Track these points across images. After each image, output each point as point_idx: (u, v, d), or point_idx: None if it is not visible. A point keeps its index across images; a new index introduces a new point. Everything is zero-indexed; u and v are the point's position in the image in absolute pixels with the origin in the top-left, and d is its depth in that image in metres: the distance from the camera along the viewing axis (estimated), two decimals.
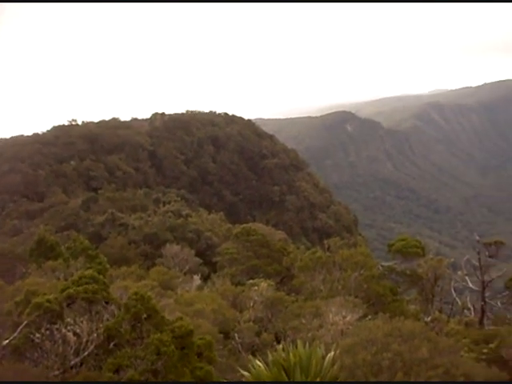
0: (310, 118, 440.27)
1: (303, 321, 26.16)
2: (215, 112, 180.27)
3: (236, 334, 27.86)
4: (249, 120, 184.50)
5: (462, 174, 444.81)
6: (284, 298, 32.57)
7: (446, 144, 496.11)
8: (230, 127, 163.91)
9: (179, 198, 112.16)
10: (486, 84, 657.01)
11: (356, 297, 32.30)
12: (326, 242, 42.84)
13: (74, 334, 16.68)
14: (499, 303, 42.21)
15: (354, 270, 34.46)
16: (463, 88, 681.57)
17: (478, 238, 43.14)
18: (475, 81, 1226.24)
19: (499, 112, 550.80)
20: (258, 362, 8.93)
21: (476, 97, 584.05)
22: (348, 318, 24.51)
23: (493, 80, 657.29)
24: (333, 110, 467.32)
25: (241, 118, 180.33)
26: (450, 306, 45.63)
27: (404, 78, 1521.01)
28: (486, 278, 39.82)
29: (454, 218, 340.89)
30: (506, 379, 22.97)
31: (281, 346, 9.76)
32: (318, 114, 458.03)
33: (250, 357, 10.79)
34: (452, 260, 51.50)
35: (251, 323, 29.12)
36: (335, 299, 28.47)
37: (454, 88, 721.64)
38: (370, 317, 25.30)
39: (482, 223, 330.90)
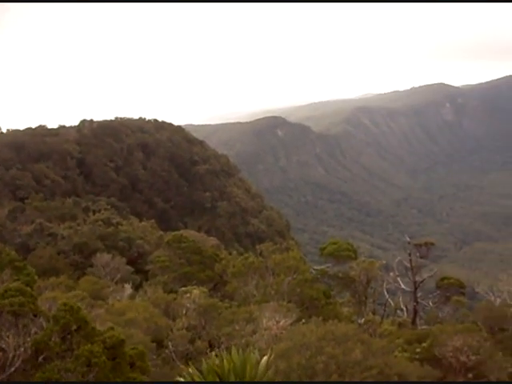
0: (240, 123, 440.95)
1: (237, 327, 26.06)
2: (145, 118, 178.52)
3: (169, 343, 27.54)
4: (179, 126, 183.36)
5: (393, 176, 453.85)
6: (217, 305, 32.35)
7: (376, 147, 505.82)
8: (160, 134, 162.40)
9: (109, 206, 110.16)
10: (414, 88, 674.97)
11: (289, 301, 32.38)
12: (258, 247, 42.88)
13: (0, 349, 16.11)
14: (431, 303, 43.13)
15: (286, 275, 34.57)
16: (392, 92, 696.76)
17: (408, 239, 43.90)
18: (403, 85, 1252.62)
19: (428, 115, 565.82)
20: (192, 370, 8.78)
21: (404, 101, 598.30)
22: (282, 323, 24.51)
23: (421, 84, 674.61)
24: (263, 116, 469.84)
25: (170, 125, 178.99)
26: (383, 308, 46.25)
27: (334, 83, 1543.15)
28: (418, 278, 40.62)
29: (386, 221, 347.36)
30: (438, 377, 23.40)
31: (214, 353, 9.65)
32: (249, 120, 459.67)
33: (184, 365, 10.64)
34: (384, 262, 52.26)
35: (184, 331, 28.82)
36: (269, 304, 28.50)
37: (382, 92, 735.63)
38: (303, 321, 25.37)
39: (413, 225, 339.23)
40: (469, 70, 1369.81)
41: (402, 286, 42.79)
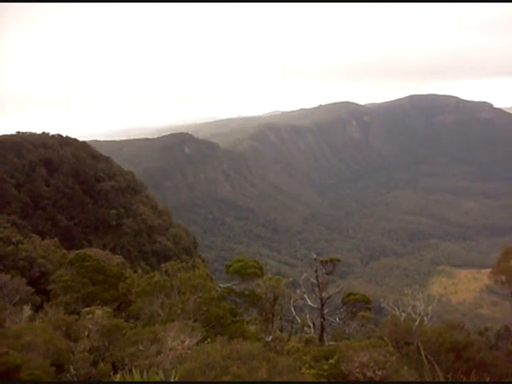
0: (146, 139, 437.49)
1: (141, 347, 25.39)
2: (48, 133, 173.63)
3: (71, 366, 26.55)
4: (84, 142, 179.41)
5: (300, 193, 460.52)
6: (121, 325, 31.48)
7: (283, 164, 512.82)
8: (64, 149, 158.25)
9: (9, 225, 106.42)
10: (321, 106, 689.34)
11: (195, 320, 31.97)
12: (163, 265, 42.22)
13: None
14: (338, 319, 43.56)
15: (192, 293, 34.12)
16: (299, 110, 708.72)
17: (315, 255, 44.18)
18: (310, 103, 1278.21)
19: (334, 133, 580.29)
20: None
21: (311, 118, 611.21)
22: (187, 343, 24.07)
23: (328, 102, 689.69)
24: (170, 132, 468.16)
25: (75, 140, 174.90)
26: (291, 324, 46.41)
27: (241, 101, 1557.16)
28: (325, 294, 40.99)
29: (293, 237, 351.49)
30: None
31: (118, 375, 9.26)
32: (155, 136, 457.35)
33: None
34: (291, 279, 52.56)
35: (86, 353, 27.86)
36: (174, 324, 27.98)
37: (289, 110, 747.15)
38: (209, 340, 25.00)
39: (320, 241, 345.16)
40: (374, 89, 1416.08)
41: (309, 303, 43.07)
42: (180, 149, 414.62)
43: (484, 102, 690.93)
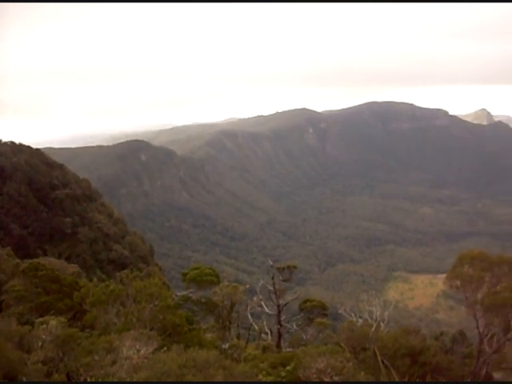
0: (102, 146, 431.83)
1: (96, 357, 25.10)
2: (0, 141, 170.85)
3: (23, 378, 26.10)
4: (37, 149, 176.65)
5: (257, 200, 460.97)
6: (76, 335, 31.02)
7: (240, 171, 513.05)
8: (18, 157, 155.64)
9: None
10: (277, 113, 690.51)
11: (152, 329, 31.70)
12: (118, 274, 41.86)
13: None
14: (295, 325, 43.72)
15: (148, 302, 33.87)
16: (256, 117, 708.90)
17: (271, 262, 44.30)
18: (268, 110, 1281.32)
19: (291, 140, 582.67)
20: None
21: (268, 125, 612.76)
22: (143, 351, 23.86)
23: (285, 109, 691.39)
24: (126, 139, 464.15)
25: (29, 147, 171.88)
26: (248, 332, 46.36)
27: (199, 107, 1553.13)
28: (282, 301, 41.16)
29: (251, 244, 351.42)
30: None
31: None
32: (111, 143, 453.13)
33: None
34: (248, 286, 52.51)
35: (40, 364, 27.42)
36: (129, 333, 27.72)
37: (246, 117, 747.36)
38: (165, 348, 24.84)
39: (278, 248, 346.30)
40: (332, 96, 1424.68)
41: (266, 310, 43.15)
42: (136, 156, 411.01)
43: (439, 110, 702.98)
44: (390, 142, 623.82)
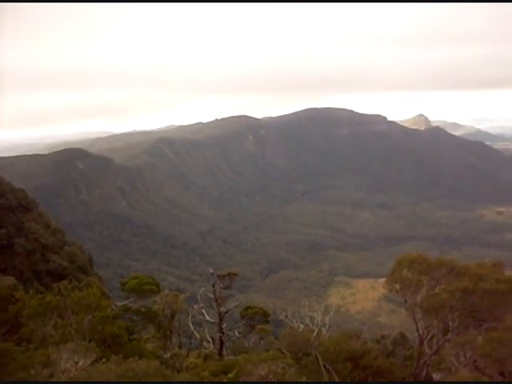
0: (38, 155, 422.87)
1: (32, 372, 24.48)
2: None
3: None
4: None
5: (197, 208, 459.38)
6: (12, 349, 30.20)
7: (180, 179, 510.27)
8: None
9: None
10: (217, 120, 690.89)
11: (90, 340, 31.14)
12: (55, 285, 41.02)
13: None
14: (237, 333, 43.63)
15: (86, 313, 33.28)
16: (195, 124, 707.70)
17: (211, 270, 44.08)
18: (207, 117, 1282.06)
19: (231, 147, 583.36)
20: None
21: (208, 132, 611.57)
22: (81, 363, 23.40)
23: (224, 116, 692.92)
24: (63, 147, 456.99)
25: None
26: (189, 340, 46.04)
27: (137, 115, 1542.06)
28: (223, 309, 40.99)
29: (192, 252, 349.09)
30: None
31: None
32: (47, 152, 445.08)
33: None
34: (189, 294, 52.12)
35: None
36: (67, 345, 27.12)
37: (185, 124, 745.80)
38: (104, 360, 24.37)
39: (219, 255, 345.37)
40: (272, 103, 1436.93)
41: (208, 318, 42.96)
42: (73, 164, 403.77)
43: (378, 115, 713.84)
44: (329, 148, 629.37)
